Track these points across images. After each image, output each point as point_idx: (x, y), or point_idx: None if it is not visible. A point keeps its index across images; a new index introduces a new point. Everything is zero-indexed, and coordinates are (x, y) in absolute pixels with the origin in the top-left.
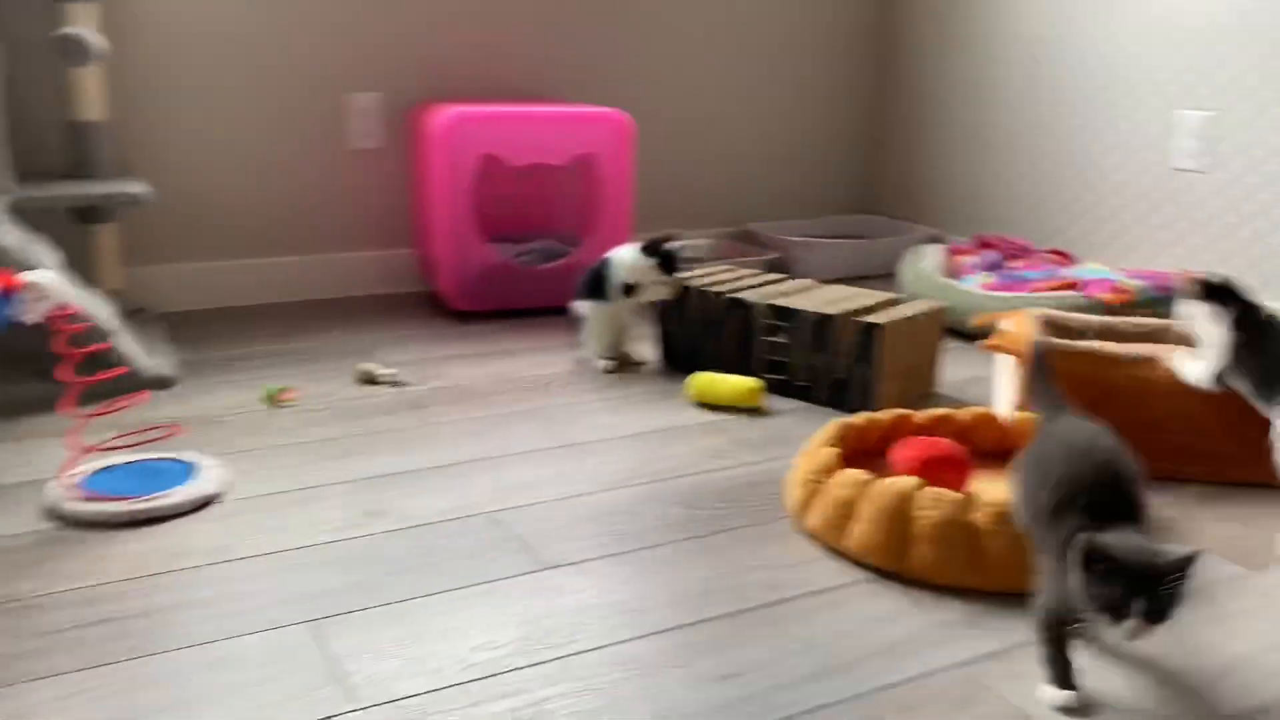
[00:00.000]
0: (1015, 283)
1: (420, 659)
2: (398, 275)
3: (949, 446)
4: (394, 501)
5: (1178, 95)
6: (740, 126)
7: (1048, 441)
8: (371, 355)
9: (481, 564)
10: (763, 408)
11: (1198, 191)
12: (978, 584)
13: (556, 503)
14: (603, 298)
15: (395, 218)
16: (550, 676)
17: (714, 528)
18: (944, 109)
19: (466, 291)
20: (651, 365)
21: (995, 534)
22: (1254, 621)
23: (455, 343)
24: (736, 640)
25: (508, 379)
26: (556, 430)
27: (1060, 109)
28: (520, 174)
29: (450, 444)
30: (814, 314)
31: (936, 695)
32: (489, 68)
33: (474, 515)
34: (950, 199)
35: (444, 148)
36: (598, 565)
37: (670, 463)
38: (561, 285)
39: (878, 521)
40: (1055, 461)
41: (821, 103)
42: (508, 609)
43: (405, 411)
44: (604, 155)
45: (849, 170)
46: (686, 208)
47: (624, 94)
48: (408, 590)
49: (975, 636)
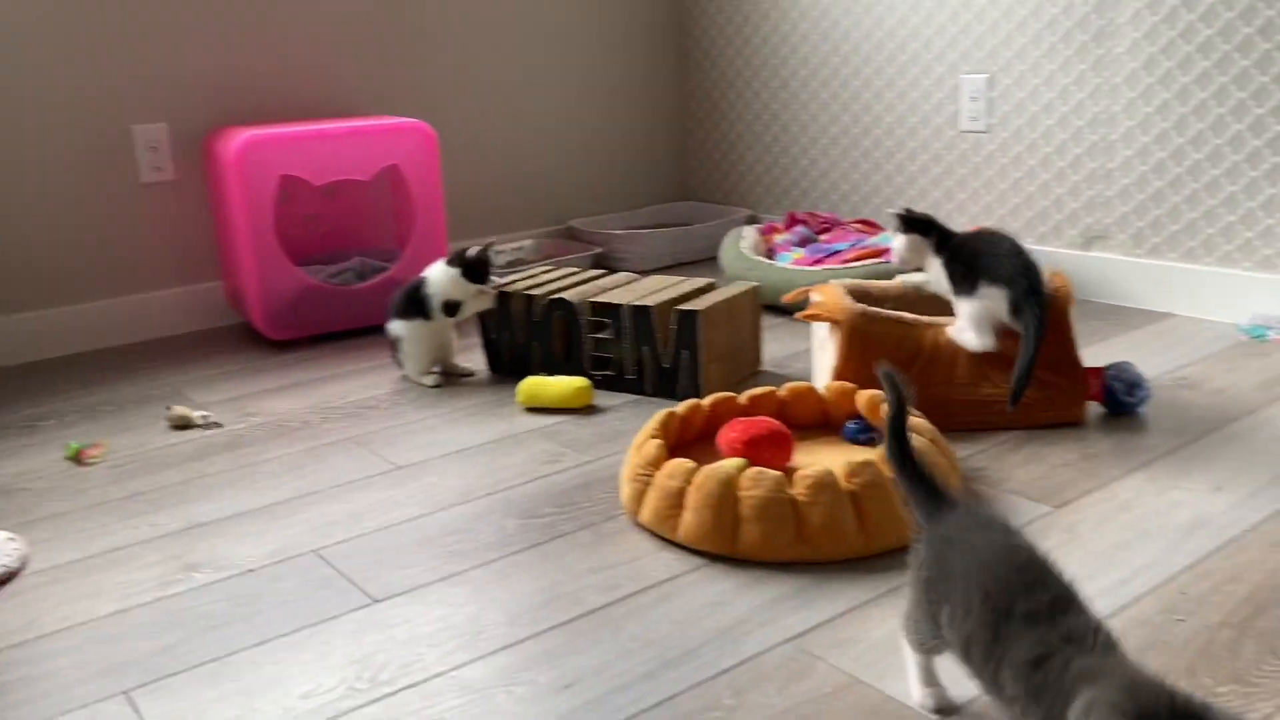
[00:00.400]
0: (826, 256)
1: (243, 717)
2: (207, 310)
3: (770, 424)
4: (212, 551)
5: (960, 60)
6: (551, 127)
7: (946, 552)
8: (184, 397)
9: (307, 606)
10: (594, 405)
11: (984, 150)
12: (804, 556)
13: (385, 531)
14: (422, 316)
15: (198, 250)
16: (383, 716)
17: (550, 534)
18: (746, 92)
19: (279, 320)
20: (479, 375)
21: (814, 505)
22: (1060, 557)
23: (272, 374)
24: (574, 648)
25: (329, 407)
26: (382, 455)
27: (854, 83)
28: (325, 193)
29: (270, 483)
30: (634, 307)
31: (770, 672)
32: (281, 88)
33: (297, 556)
34: (763, 180)
35: (239, 174)
36: (431, 590)
37: (503, 474)
38: (379, 303)
39: (705, 508)
40: (971, 577)
41: (629, 97)
42: (337, 650)
43: (221, 454)
44: (409, 167)
45: (664, 160)
46: (507, 211)
47: (427, 104)
48: (230, 644)
49: (804, 609)
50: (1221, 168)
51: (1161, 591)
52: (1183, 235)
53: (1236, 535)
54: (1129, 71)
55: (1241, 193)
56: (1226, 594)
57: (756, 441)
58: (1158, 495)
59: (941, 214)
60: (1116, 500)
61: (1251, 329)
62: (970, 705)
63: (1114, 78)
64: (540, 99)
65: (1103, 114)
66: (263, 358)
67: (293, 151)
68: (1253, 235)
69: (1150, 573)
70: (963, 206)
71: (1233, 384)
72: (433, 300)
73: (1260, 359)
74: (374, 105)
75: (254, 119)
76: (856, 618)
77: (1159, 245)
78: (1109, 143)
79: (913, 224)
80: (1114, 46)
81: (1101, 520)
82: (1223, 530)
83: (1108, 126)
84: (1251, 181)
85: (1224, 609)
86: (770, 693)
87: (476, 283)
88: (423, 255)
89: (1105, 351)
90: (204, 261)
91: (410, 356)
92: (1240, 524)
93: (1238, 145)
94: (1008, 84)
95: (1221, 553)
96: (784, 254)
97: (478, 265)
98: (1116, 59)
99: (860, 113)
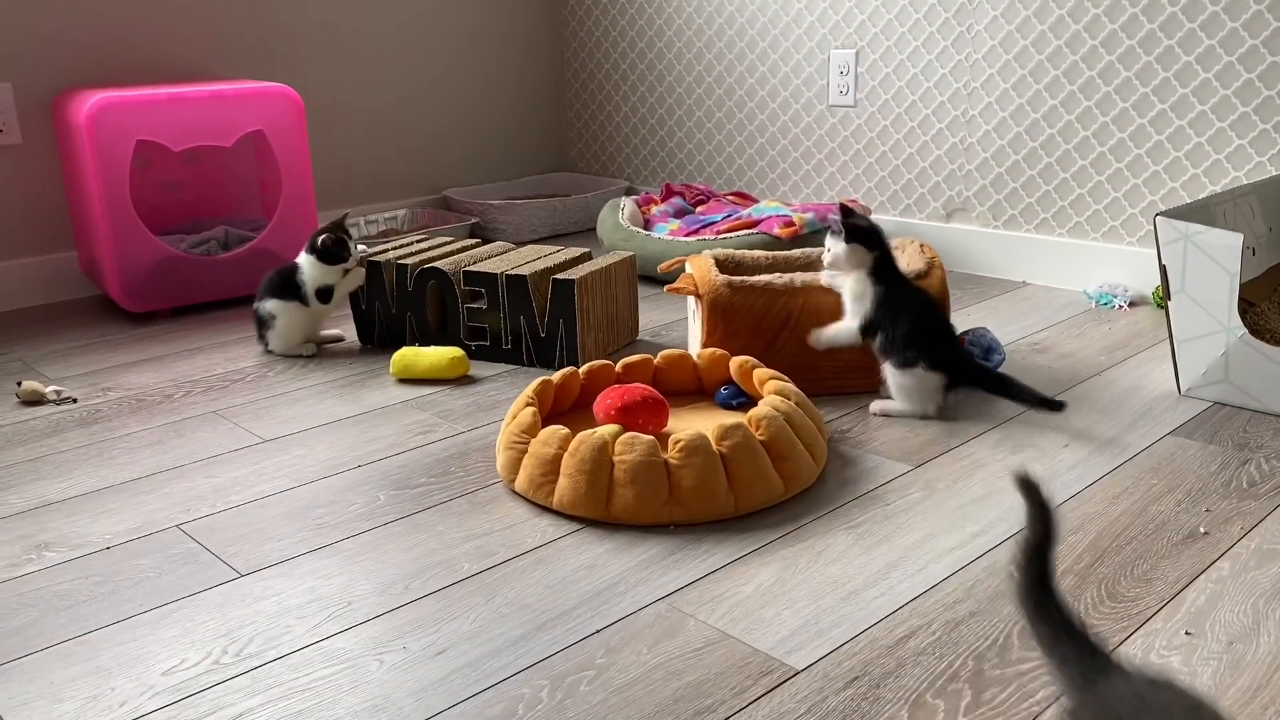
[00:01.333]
0: (701, 227)
1: (100, 696)
2: (60, 281)
3: (644, 391)
4: (66, 529)
5: (829, 35)
6: (425, 94)
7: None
8: (36, 372)
9: (169, 582)
10: (470, 376)
11: (852, 124)
12: (676, 518)
13: (251, 505)
14: (298, 300)
15: (49, 218)
16: (249, 687)
17: (423, 504)
18: (623, 64)
19: (137, 291)
20: (350, 347)
21: (686, 467)
22: (919, 514)
23: (130, 348)
24: (447, 615)
25: (191, 380)
26: (248, 428)
27: (729, 55)
28: (186, 160)
29: (128, 459)
30: (510, 276)
31: (642, 630)
32: (135, 48)
33: (158, 532)
34: (640, 151)
35: (91, 138)
36: (299, 563)
37: (375, 445)
38: (244, 273)
39: (580, 474)
40: None
41: (505, 66)
42: (200, 625)
43: (75, 430)
44: (274, 133)
45: (541, 131)
46: (379, 180)
47: (295, 69)
48: (86, 623)
49: (675, 569)
50: (1072, 143)
51: (1012, 543)
52: (1036, 207)
53: (1081, 489)
54: (988, 48)
55: (1090, 166)
56: (1071, 544)
57: (631, 408)
58: (1011, 453)
59: (813, 187)
60: (972, 459)
61: (1099, 296)
62: None
63: (974, 53)
64: (413, 66)
65: (963, 89)
66: (120, 331)
67: (149, 115)
68: (1100, 208)
69: (1002, 525)
70: (831, 179)
71: (1081, 348)
72: (305, 287)
73: (1106, 324)
74: (237, 69)
75: (106, 81)
76: (725, 576)
77: (1014, 217)
78: (969, 118)
79: (858, 234)
80: (974, 23)
81: (957, 478)
82: (1069, 485)
83: (968, 101)
84: (1099, 156)
85: (1068, 558)
86: (641, 650)
87: (336, 263)
88: (289, 225)
89: (964, 318)
90: (56, 230)
91: (281, 333)
92: (1085, 479)
93: (1086, 121)
94: (874, 59)
95: (1067, 505)
96: (660, 225)
97: (332, 247)
98: (977, 35)
99: (735, 86)
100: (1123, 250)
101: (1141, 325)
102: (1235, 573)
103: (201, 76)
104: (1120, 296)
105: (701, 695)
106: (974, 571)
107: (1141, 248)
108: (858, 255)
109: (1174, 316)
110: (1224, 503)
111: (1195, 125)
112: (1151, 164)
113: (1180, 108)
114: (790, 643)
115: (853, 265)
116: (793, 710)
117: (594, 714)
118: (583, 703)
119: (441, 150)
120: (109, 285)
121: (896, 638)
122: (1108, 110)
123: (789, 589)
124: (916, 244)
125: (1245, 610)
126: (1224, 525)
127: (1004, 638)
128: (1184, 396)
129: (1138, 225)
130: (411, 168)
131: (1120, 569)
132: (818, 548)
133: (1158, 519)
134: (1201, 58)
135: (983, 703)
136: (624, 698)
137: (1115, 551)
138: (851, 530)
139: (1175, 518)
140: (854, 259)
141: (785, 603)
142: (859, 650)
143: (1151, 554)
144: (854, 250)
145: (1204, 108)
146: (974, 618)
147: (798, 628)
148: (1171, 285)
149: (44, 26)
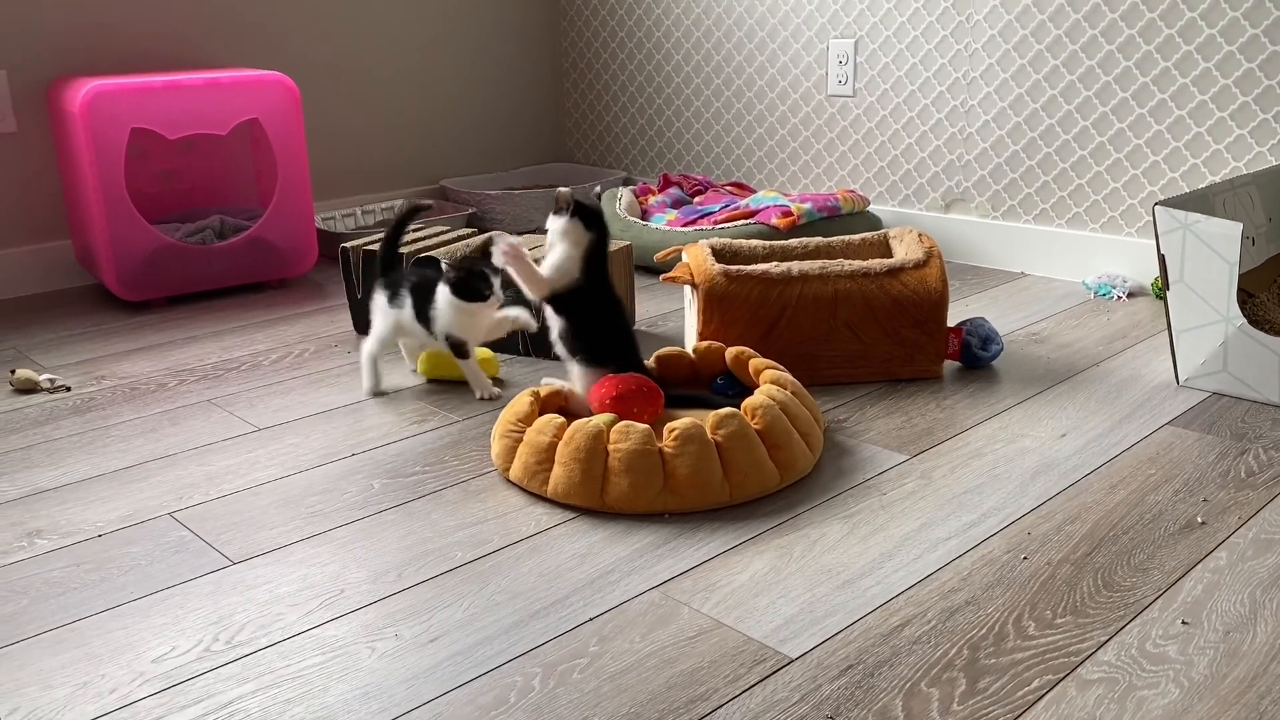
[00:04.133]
0: (699, 217)
1: (90, 683)
2: (55, 270)
3: (638, 380)
4: (57, 517)
5: (828, 25)
6: (422, 84)
7: None
8: (30, 361)
9: (161, 570)
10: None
11: (851, 114)
12: (670, 507)
13: (244, 493)
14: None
15: (45, 207)
16: (240, 675)
17: (417, 493)
18: (621, 54)
19: (133, 280)
20: (345, 335)
21: (680, 456)
22: (915, 503)
23: (125, 336)
24: (440, 603)
25: (185, 369)
26: (242, 417)
27: (727, 45)
28: (182, 148)
29: (121, 447)
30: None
31: (635, 619)
32: (134, 37)
33: (151, 520)
34: (637, 142)
35: (87, 126)
36: (292, 551)
37: (370, 434)
38: (241, 262)
39: (574, 462)
40: None
41: (503, 55)
42: (192, 613)
43: (68, 418)
44: (270, 122)
45: (539, 121)
46: (376, 170)
47: (293, 58)
48: (77, 611)
49: (669, 557)
50: (1071, 133)
51: (1009, 532)
52: (1035, 198)
53: (1078, 479)
54: (987, 37)
55: (1089, 157)
56: (1068, 533)
57: (625, 397)
58: (1008, 443)
59: (811, 177)
60: (969, 448)
61: (1098, 287)
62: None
63: (973, 43)
64: (410, 54)
65: (962, 79)
66: (115, 319)
67: (144, 103)
68: (1099, 198)
69: (999, 515)
70: (830, 170)
71: (1079, 338)
72: (434, 324)
73: (1104, 315)
74: (233, 57)
75: (102, 69)
76: (720, 564)
77: (1013, 208)
78: (968, 108)
79: (581, 211)
80: (973, 13)
81: (955, 467)
82: (1066, 475)
83: (967, 91)
84: (1099, 146)
85: (1065, 547)
86: (634, 638)
87: (474, 300)
88: (286, 214)
89: (963, 309)
90: (51, 219)
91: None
92: (1082, 469)
93: (1086, 111)
94: (873, 48)
95: (1064, 495)
96: (658, 215)
97: (466, 279)
98: (976, 25)
99: (733, 75)
100: (1122, 241)
101: (1140, 316)
102: (1232, 562)
103: (197, 64)
104: (1119, 287)
105: (695, 683)
106: (969, 561)
107: (1140, 239)
108: (576, 232)
109: (1173, 306)
110: (1221, 493)
111: (1195, 115)
112: (1151, 154)
113: (1180, 98)
114: (784, 631)
115: (570, 242)
116: (786, 699)
117: (586, 702)
118: (575, 691)
119: (439, 141)
120: (104, 274)
121: (891, 626)
122: (1107, 100)
123: (783, 578)
124: (915, 234)
125: (1242, 600)
126: (1221, 515)
127: (999, 626)
128: (1182, 387)
129: (1137, 216)
130: (408, 157)
131: (1117, 558)
132: (813, 537)
133: (1155, 509)
134: (1201, 47)
135: (977, 691)
136: (617, 685)
137: (1112, 541)
138: (847, 519)
139: (1173, 507)
140: (572, 235)
141: (779, 591)
142: (853, 639)
143: (1149, 543)
144: (574, 226)
145: (1204, 97)
146: (969, 607)
147: (792, 616)
148: (1170, 275)
149: (39, 14)
